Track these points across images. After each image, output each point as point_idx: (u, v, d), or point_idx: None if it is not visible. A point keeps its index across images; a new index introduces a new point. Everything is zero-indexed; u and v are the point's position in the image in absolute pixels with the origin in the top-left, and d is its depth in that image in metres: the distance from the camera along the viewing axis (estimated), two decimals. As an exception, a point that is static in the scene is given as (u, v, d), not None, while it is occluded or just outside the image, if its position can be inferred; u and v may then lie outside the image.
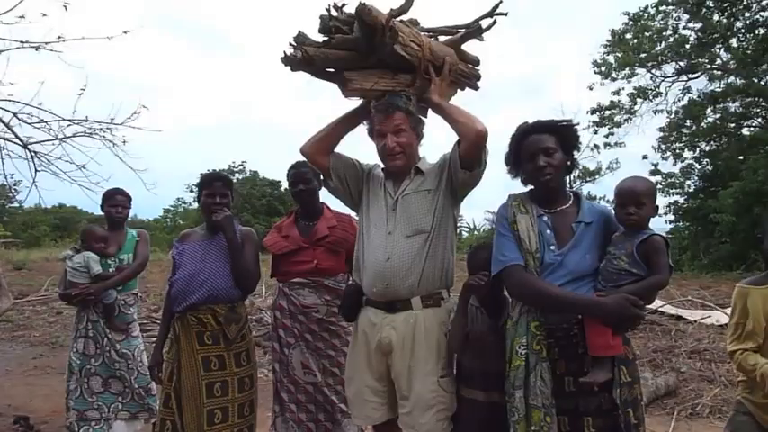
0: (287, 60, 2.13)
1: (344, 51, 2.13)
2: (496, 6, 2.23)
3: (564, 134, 2.04)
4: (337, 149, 2.40)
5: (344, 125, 2.37)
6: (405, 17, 2.16)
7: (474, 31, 2.29)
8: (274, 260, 2.93)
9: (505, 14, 2.25)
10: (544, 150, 1.99)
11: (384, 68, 2.20)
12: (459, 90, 2.47)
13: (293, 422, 2.64)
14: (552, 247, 1.96)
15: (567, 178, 2.19)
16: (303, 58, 2.07)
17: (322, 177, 2.49)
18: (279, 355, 2.74)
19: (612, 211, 2.03)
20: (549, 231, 1.98)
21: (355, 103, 2.33)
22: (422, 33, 2.24)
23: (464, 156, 2.14)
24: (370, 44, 2.07)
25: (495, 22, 2.27)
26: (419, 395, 2.14)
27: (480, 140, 2.11)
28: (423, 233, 2.20)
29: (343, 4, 2.08)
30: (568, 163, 2.07)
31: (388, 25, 2.00)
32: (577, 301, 1.88)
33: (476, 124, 2.09)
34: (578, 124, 2.17)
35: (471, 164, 2.15)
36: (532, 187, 2.10)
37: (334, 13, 2.09)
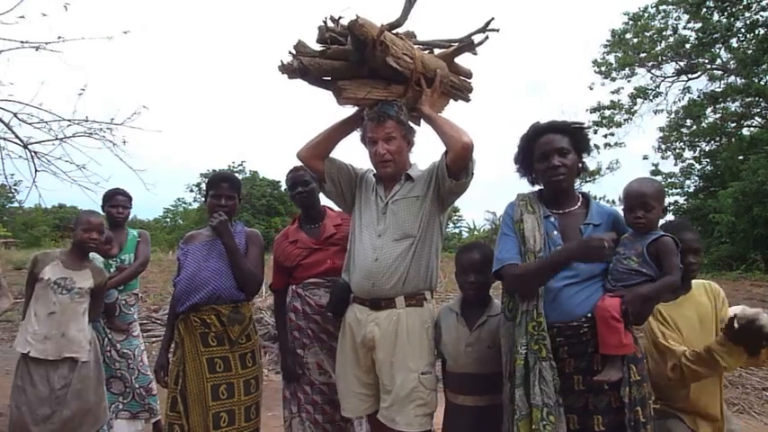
0: (284, 69, 2.23)
1: (339, 61, 2.21)
2: (488, 23, 2.30)
3: (577, 136, 2.06)
4: (332, 154, 2.48)
5: (339, 132, 2.46)
6: (401, 30, 2.24)
7: (466, 45, 2.36)
8: (284, 270, 2.82)
9: (497, 30, 2.31)
10: (558, 150, 2.00)
11: (377, 78, 2.28)
12: (451, 100, 2.53)
13: (310, 422, 2.63)
14: (559, 247, 1.96)
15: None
16: (299, 67, 2.16)
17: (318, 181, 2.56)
18: (292, 357, 2.71)
19: (621, 213, 2.03)
20: (555, 232, 2.00)
21: (350, 110, 2.41)
22: (416, 46, 2.31)
23: (451, 166, 2.21)
24: (363, 56, 2.15)
25: (487, 37, 2.34)
26: (399, 389, 2.22)
27: (466, 152, 2.17)
28: (410, 237, 2.30)
29: (340, 17, 2.17)
30: (579, 165, 2.08)
31: (378, 40, 2.08)
32: (548, 259, 1.93)
33: (462, 137, 2.16)
34: (590, 127, 2.19)
35: (458, 173, 2.22)
36: (541, 187, 2.11)
37: (330, 24, 2.18)
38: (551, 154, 2.00)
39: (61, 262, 2.90)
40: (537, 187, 2.15)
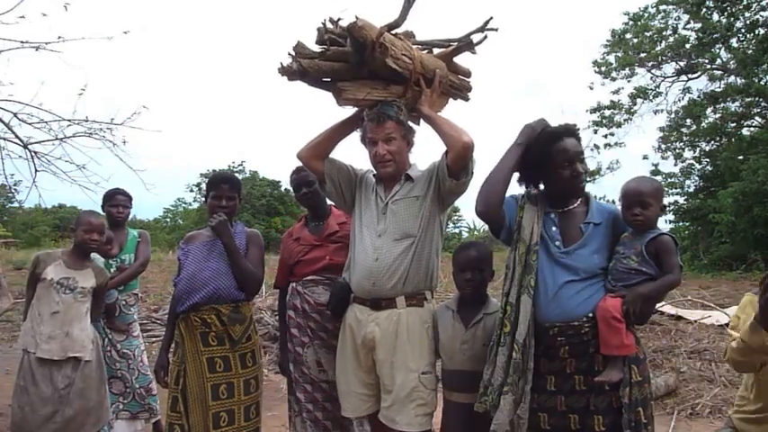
0: (283, 71, 2.24)
1: (338, 63, 2.22)
2: (487, 22, 2.30)
3: (579, 137, 2.06)
4: (332, 155, 2.49)
5: (338, 132, 2.47)
6: (400, 30, 2.25)
7: (465, 45, 2.36)
8: (287, 268, 2.86)
9: (496, 30, 2.31)
10: (578, 155, 1.99)
11: (376, 79, 2.28)
12: (451, 99, 2.54)
13: (310, 421, 2.64)
14: (557, 243, 1.98)
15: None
16: (298, 69, 2.18)
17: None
18: (293, 356, 2.72)
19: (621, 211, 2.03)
20: (554, 228, 2.01)
21: (349, 111, 2.42)
22: (415, 46, 2.32)
23: (451, 165, 2.22)
24: (362, 58, 2.17)
25: (486, 37, 2.34)
26: (400, 389, 2.23)
27: (466, 152, 2.18)
28: (410, 237, 2.30)
29: (339, 19, 2.18)
30: None
31: (378, 41, 2.10)
32: (504, 154, 2.04)
33: (462, 136, 2.17)
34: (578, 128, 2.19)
35: (458, 173, 2.23)
36: (541, 189, 2.12)
37: (329, 26, 2.19)
38: (575, 160, 1.97)
39: (63, 262, 2.92)
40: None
